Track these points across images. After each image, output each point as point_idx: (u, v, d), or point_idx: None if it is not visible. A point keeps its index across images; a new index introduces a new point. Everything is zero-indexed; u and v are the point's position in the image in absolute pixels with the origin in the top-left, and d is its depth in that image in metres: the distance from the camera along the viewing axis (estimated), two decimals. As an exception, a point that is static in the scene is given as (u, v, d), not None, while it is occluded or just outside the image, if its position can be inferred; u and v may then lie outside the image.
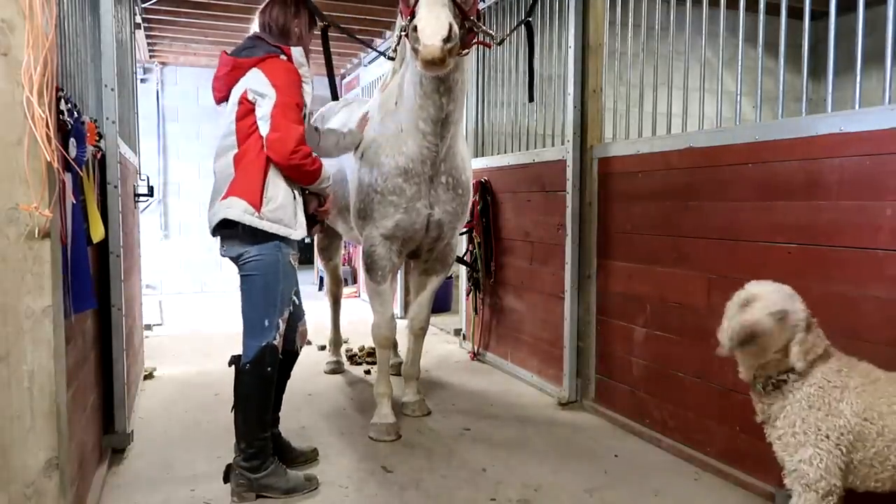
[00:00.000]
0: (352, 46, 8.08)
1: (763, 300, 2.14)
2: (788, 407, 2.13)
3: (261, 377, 2.88)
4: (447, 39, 2.81)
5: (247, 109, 2.85)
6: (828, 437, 2.04)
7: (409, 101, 3.44)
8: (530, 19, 3.54)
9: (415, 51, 2.90)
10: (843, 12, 2.71)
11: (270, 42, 2.96)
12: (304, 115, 2.95)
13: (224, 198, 2.83)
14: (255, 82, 2.85)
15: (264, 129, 2.81)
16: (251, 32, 3.09)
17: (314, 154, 2.95)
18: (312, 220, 3.14)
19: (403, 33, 3.03)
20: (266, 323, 2.86)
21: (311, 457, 3.31)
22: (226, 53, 2.99)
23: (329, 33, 3.46)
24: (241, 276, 2.91)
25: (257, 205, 2.79)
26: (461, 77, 3.39)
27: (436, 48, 2.80)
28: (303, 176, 2.90)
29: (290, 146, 2.79)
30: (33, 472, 1.95)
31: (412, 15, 2.93)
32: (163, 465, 3.27)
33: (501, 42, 3.35)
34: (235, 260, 2.90)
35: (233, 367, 2.98)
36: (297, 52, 2.97)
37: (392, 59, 3.30)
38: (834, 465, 2.03)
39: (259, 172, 2.82)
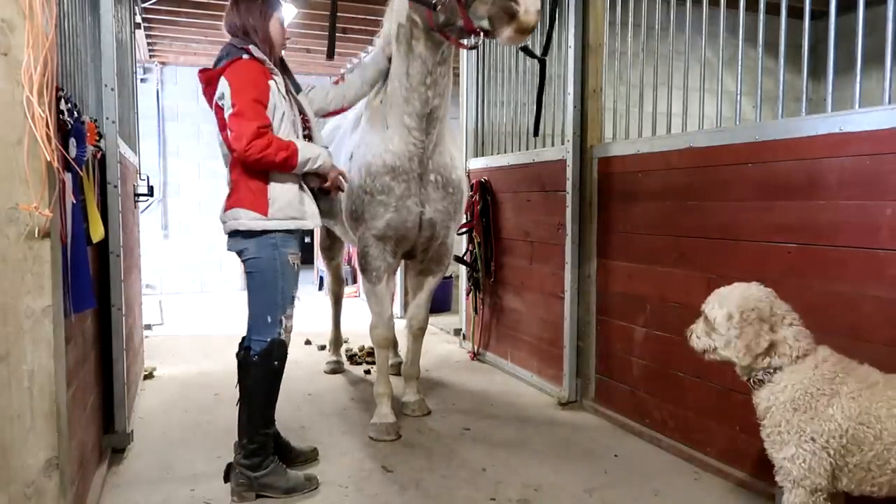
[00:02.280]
0: (352, 46, 8.08)
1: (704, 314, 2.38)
2: (774, 408, 2.17)
3: (268, 370, 2.92)
4: (540, 10, 2.85)
5: (222, 119, 2.88)
6: (813, 439, 2.07)
7: (395, 96, 3.44)
8: (545, 58, 3.51)
9: (510, 16, 2.82)
10: (843, 12, 2.71)
11: (238, 45, 2.93)
12: (274, 105, 2.88)
13: (228, 209, 2.89)
14: (222, 91, 2.86)
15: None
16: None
17: (281, 139, 2.85)
18: (326, 193, 3.13)
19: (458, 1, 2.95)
20: (269, 319, 2.90)
21: (311, 457, 3.31)
22: (201, 71, 3.00)
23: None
24: (246, 272, 2.96)
25: (264, 210, 2.84)
26: (447, 70, 3.39)
27: (534, 17, 2.82)
28: (273, 167, 2.84)
29: (243, 144, 2.75)
30: (33, 472, 1.96)
31: None
32: (163, 465, 3.27)
33: (523, 47, 3.32)
34: (238, 254, 2.95)
35: (237, 361, 3.02)
36: (255, 50, 2.93)
37: (436, 7, 3.21)
38: (819, 465, 2.06)
39: (257, 178, 2.86)
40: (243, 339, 3.07)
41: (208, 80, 2.94)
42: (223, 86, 2.85)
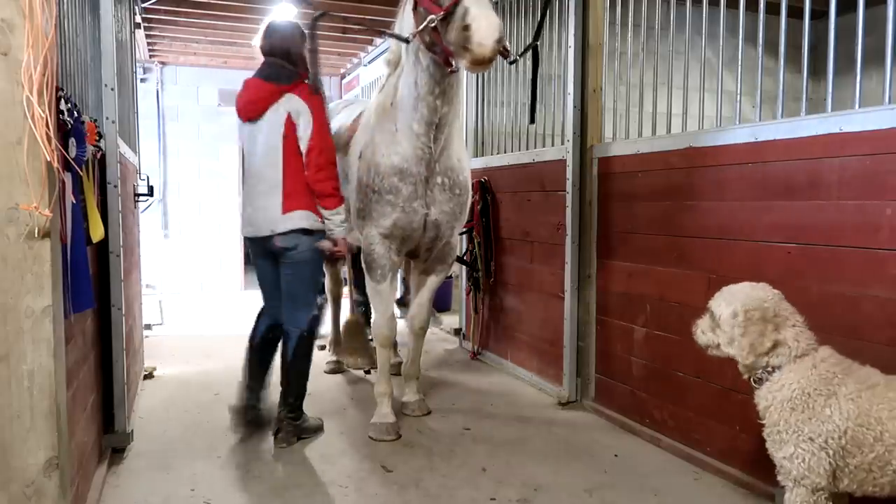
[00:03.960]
0: (352, 46, 8.08)
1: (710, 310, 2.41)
2: (772, 407, 2.18)
3: (313, 341, 3.59)
4: (499, 40, 2.83)
5: (292, 127, 3.34)
6: (811, 439, 2.07)
7: (404, 102, 3.46)
8: (538, 44, 3.52)
9: (464, 49, 2.86)
10: (843, 12, 2.71)
11: (290, 68, 3.41)
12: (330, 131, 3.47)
13: (288, 210, 3.36)
14: (297, 108, 3.33)
15: (304, 145, 3.35)
16: (263, 55, 3.49)
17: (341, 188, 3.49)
18: (332, 261, 3.65)
19: (432, 25, 2.99)
20: (311, 299, 3.51)
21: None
22: (261, 80, 3.41)
23: (327, 23, 3.53)
24: (291, 262, 3.42)
25: (319, 216, 3.43)
26: (457, 80, 3.40)
27: (489, 48, 2.81)
28: (325, 198, 3.38)
29: (324, 173, 3.36)
30: (33, 472, 1.96)
31: (450, 11, 2.91)
32: (163, 465, 3.27)
33: (514, 62, 3.33)
34: (289, 249, 3.39)
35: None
36: (313, 76, 3.44)
37: (408, 41, 3.28)
38: (818, 465, 2.06)
39: (312, 193, 3.41)
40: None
41: (273, 91, 3.36)
42: (300, 105, 3.33)
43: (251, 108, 3.42)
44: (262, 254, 3.55)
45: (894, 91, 2.53)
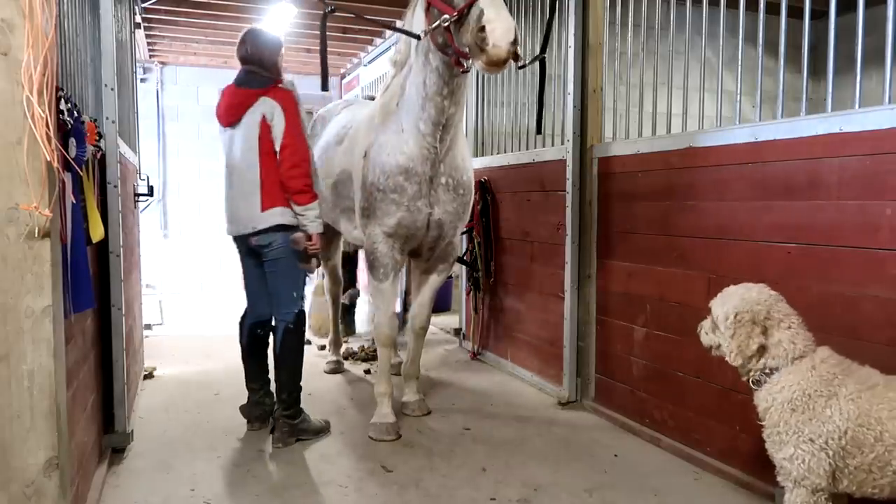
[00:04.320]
0: (352, 46, 8.09)
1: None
2: (772, 408, 2.19)
3: (300, 334, 3.58)
4: (514, 42, 2.85)
5: (267, 129, 3.40)
6: (811, 440, 2.07)
7: (411, 102, 3.47)
8: (545, 55, 3.53)
9: (480, 50, 2.87)
10: (843, 12, 2.71)
11: (266, 75, 3.50)
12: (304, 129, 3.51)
13: (267, 208, 3.43)
14: (270, 110, 3.40)
15: (277, 143, 3.39)
16: (240, 63, 3.60)
17: (314, 186, 3.47)
18: (306, 256, 3.55)
19: (445, 24, 3.00)
20: (295, 294, 3.54)
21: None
22: (237, 87, 3.52)
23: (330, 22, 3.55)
24: (271, 259, 3.50)
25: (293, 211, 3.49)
26: (464, 81, 3.42)
27: (504, 50, 2.83)
28: (299, 194, 3.38)
29: (299, 170, 3.38)
30: (33, 472, 1.96)
31: (464, 13, 2.92)
32: (163, 465, 3.27)
33: (523, 66, 3.33)
34: (264, 247, 3.47)
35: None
36: (287, 81, 3.55)
37: (419, 38, 3.29)
38: (818, 466, 2.06)
39: (284, 189, 3.46)
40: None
41: (248, 96, 3.44)
42: (274, 106, 3.39)
43: (230, 114, 3.52)
44: (246, 251, 3.65)
45: (894, 91, 2.54)
